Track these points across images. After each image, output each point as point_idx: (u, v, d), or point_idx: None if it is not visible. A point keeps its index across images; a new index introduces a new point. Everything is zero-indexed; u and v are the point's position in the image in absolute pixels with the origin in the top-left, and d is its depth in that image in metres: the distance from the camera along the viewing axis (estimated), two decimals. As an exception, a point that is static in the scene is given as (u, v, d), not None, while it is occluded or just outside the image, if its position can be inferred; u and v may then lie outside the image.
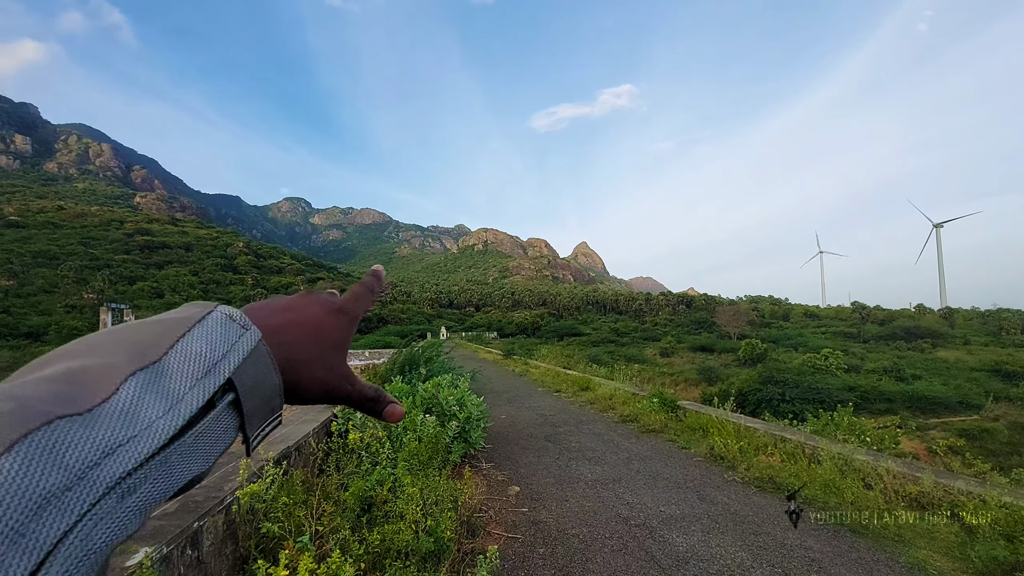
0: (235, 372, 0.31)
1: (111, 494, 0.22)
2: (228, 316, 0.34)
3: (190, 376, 0.29)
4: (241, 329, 0.34)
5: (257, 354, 0.34)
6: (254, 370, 0.33)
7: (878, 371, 39.39)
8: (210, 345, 0.31)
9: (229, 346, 0.32)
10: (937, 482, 5.08)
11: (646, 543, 4.35)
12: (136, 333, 0.30)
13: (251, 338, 0.34)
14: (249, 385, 0.32)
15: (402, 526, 3.67)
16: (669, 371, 42.30)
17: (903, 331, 69.67)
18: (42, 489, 0.19)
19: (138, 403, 0.25)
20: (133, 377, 0.26)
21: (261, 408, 0.34)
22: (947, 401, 30.47)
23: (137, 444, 0.24)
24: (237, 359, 0.32)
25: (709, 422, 8.16)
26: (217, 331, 0.32)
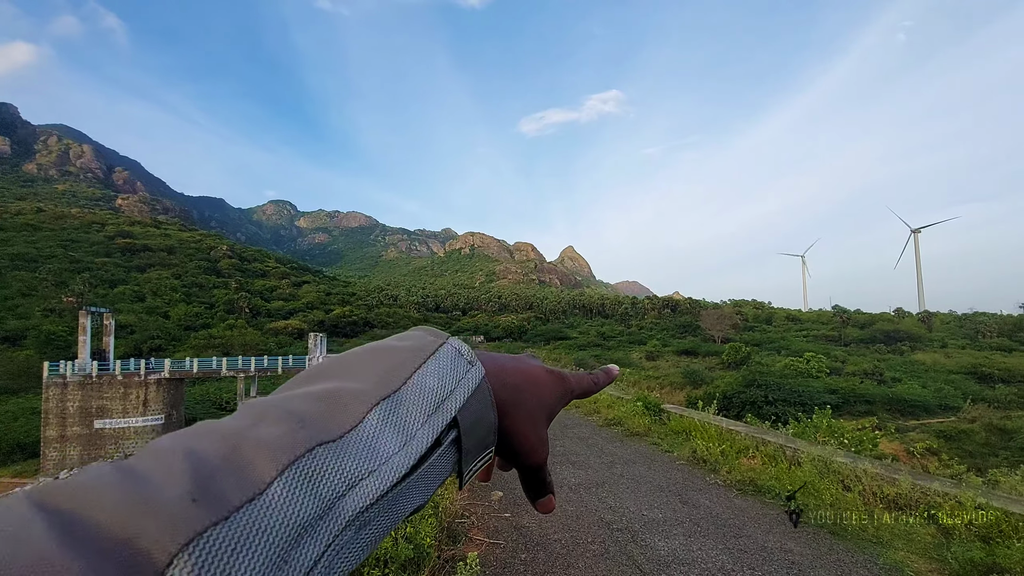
0: (460, 410, 0.32)
1: (351, 526, 0.23)
2: (457, 351, 0.35)
3: (422, 412, 0.29)
4: (468, 365, 0.34)
5: (480, 392, 0.34)
6: (475, 407, 0.33)
7: (859, 374, 40.05)
8: (441, 381, 0.32)
9: (456, 382, 0.33)
10: (914, 484, 5.16)
11: (628, 547, 4.34)
12: (380, 360, 0.31)
13: (476, 375, 0.34)
14: (470, 423, 0.33)
15: (381, 533, 3.62)
16: (655, 374, 42.57)
17: (883, 335, 70.93)
18: (301, 518, 0.20)
19: (379, 435, 0.26)
20: (378, 407, 0.27)
21: (477, 445, 0.34)
22: (926, 403, 31.06)
23: (377, 479, 0.25)
24: (463, 397, 0.32)
25: (692, 425, 8.20)
26: (447, 366, 0.33)
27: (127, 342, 58.47)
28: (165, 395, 35.93)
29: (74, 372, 33.34)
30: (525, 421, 0.40)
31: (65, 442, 32.22)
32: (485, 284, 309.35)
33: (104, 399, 33.54)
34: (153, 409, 35.12)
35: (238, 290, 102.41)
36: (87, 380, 33.28)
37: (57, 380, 32.64)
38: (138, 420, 34.48)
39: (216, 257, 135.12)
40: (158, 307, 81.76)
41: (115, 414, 33.90)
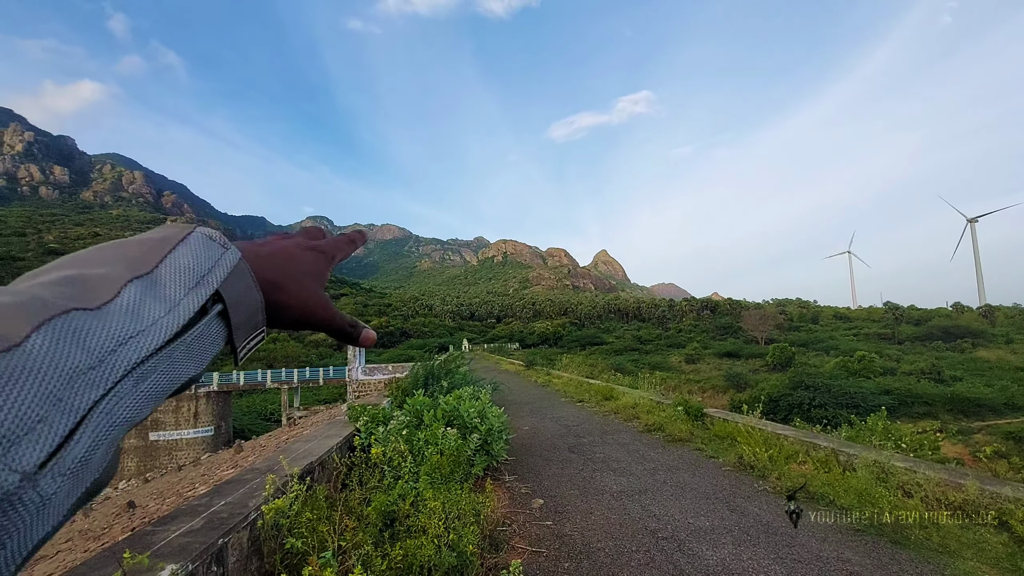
0: (222, 285, 0.35)
1: (128, 378, 0.25)
2: (208, 236, 0.37)
3: (183, 285, 0.32)
4: (222, 248, 0.37)
5: (239, 271, 0.37)
6: (238, 285, 0.36)
7: (915, 373, 37.98)
8: (196, 260, 0.34)
9: (213, 262, 0.35)
10: (983, 489, 4.83)
11: (674, 557, 4.23)
12: (124, 249, 0.32)
13: (232, 257, 0.37)
14: (235, 298, 0.36)
15: (424, 541, 3.64)
16: (695, 378, 41.56)
17: (940, 331, 67.14)
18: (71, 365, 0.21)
19: (141, 304, 0.28)
20: (132, 284, 0.29)
21: (246, 322, 0.37)
22: (991, 403, 29.16)
23: (146, 337, 0.27)
24: (222, 274, 0.35)
25: (737, 430, 7.94)
26: (200, 248, 0.35)
27: (179, 357, 61.13)
28: (214, 408, 37.41)
29: (131, 387, 35.14)
30: (297, 290, 0.44)
31: (123, 454, 33.94)
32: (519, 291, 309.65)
33: (158, 412, 35.19)
34: (203, 421, 36.62)
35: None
36: (143, 394, 35.01)
37: (116, 394, 34.48)
38: (189, 432, 36.01)
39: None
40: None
41: (168, 427, 35.53)
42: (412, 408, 7.11)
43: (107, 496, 25.65)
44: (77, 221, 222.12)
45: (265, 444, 24.81)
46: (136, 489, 25.68)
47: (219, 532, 3.13)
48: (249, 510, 3.55)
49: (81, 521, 17.07)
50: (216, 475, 18.11)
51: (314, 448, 5.68)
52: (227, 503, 3.69)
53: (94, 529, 14.29)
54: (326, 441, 6.11)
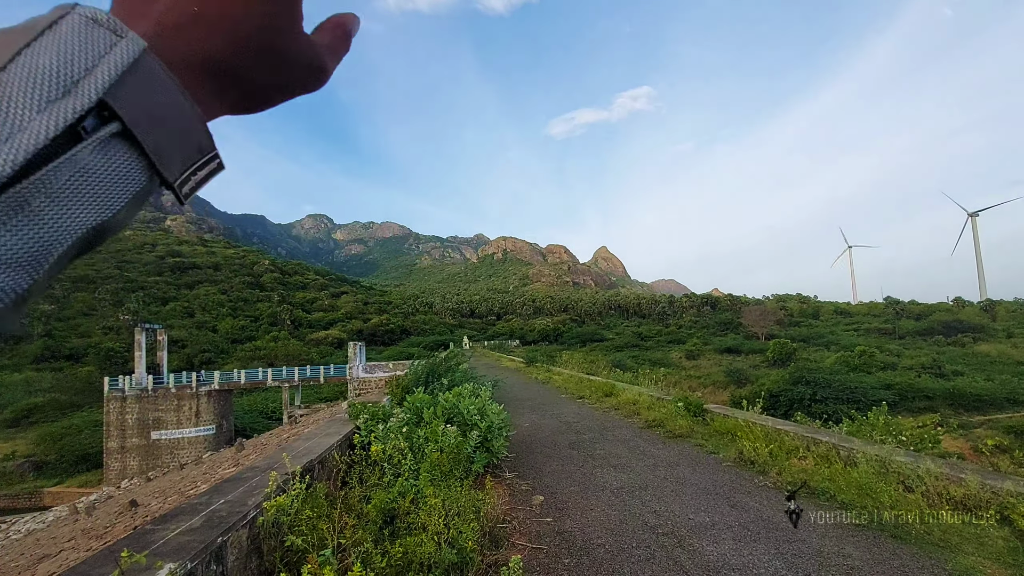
0: (109, 92, 0.24)
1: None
2: (91, 19, 0.26)
3: (37, 96, 0.23)
4: (113, 36, 0.26)
5: (145, 70, 0.26)
6: (144, 91, 0.26)
7: (916, 368, 38.00)
8: (64, 58, 0.24)
9: (95, 59, 0.25)
10: (984, 483, 4.82)
11: (674, 552, 4.23)
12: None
13: (129, 49, 0.26)
14: (141, 112, 0.25)
15: (424, 538, 3.64)
16: (696, 374, 41.62)
17: (941, 325, 67.15)
18: None
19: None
20: None
21: (175, 142, 0.27)
22: (992, 397, 29.20)
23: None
24: (110, 75, 0.25)
25: (737, 426, 7.94)
26: (74, 40, 0.24)
27: (179, 356, 61.38)
28: (215, 406, 37.45)
29: (132, 386, 35.26)
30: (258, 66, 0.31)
31: (125, 453, 34.05)
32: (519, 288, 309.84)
33: (160, 411, 35.30)
34: (205, 420, 36.67)
35: (280, 303, 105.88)
36: (144, 394, 35.12)
37: (116, 394, 34.58)
38: (191, 431, 36.07)
39: (259, 272, 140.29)
40: (207, 322, 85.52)
41: (170, 425, 35.61)
42: (412, 405, 7.11)
43: (110, 495, 25.76)
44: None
45: (267, 442, 24.87)
46: (138, 488, 25.76)
47: (218, 531, 3.13)
48: (249, 508, 3.55)
49: (84, 520, 17.14)
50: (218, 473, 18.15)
51: (314, 446, 5.68)
52: (227, 501, 3.69)
53: (96, 528, 14.34)
54: (326, 439, 6.11)
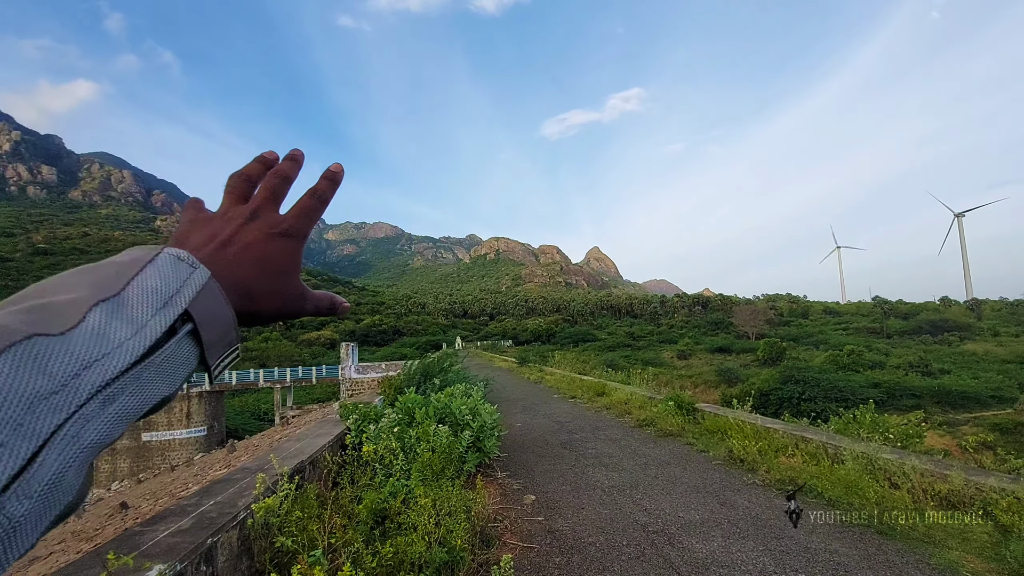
0: (191, 304, 0.35)
1: (94, 400, 0.26)
2: (176, 256, 0.37)
3: (150, 306, 0.32)
4: (190, 268, 0.37)
5: (209, 290, 0.37)
6: (208, 303, 0.36)
7: (903, 366, 38.45)
8: (164, 281, 0.34)
9: (181, 282, 0.35)
10: (968, 479, 4.90)
11: (664, 550, 4.26)
12: (92, 273, 0.33)
13: (201, 276, 0.37)
14: (205, 317, 0.36)
15: (415, 538, 3.65)
16: (687, 373, 41.84)
17: (928, 325, 67.99)
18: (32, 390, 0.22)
19: (106, 327, 0.29)
20: (97, 307, 0.29)
21: (219, 340, 0.38)
22: (978, 395, 29.62)
23: (112, 359, 0.27)
24: (191, 293, 0.35)
25: (727, 424, 8.01)
26: (168, 269, 0.35)
27: (170, 357, 60.62)
28: (207, 407, 37.16)
29: (122, 388, 34.85)
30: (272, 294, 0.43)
31: (116, 455, 33.67)
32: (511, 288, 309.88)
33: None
34: (196, 421, 36.37)
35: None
36: (134, 395, 34.73)
37: (106, 396, 34.18)
38: (182, 432, 35.76)
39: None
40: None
41: (161, 427, 35.28)
42: (404, 406, 7.10)
43: (100, 497, 25.47)
44: (66, 221, 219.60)
45: (258, 443, 24.71)
46: (129, 490, 25.50)
47: (208, 532, 3.12)
48: (239, 509, 3.54)
49: (74, 523, 16.94)
50: (209, 475, 18.01)
51: (305, 447, 5.67)
52: (216, 503, 3.68)
53: (87, 530, 14.20)
54: (317, 440, 6.09)
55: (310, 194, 0.50)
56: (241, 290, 0.41)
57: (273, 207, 0.47)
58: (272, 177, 0.50)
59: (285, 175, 0.50)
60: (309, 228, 0.48)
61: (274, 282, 0.44)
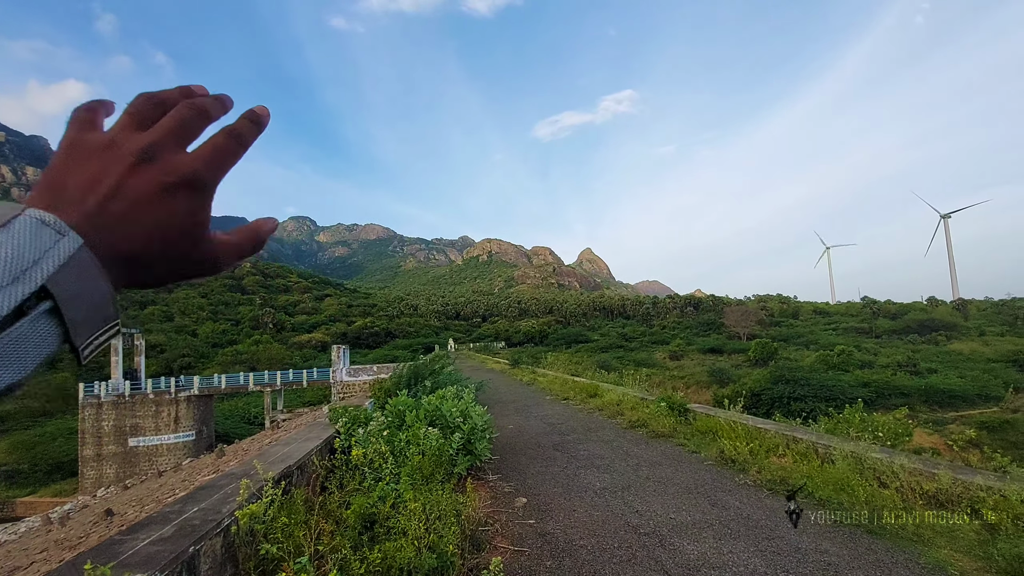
0: (50, 279, 0.30)
1: None
2: (40, 220, 0.31)
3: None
4: (56, 235, 0.31)
5: (78, 261, 0.31)
6: (76, 278, 0.31)
7: (892, 366, 38.84)
8: (16, 251, 0.29)
9: (41, 252, 0.30)
10: (955, 478, 4.93)
11: (656, 552, 4.24)
12: None
13: (68, 245, 0.31)
14: (70, 293, 0.31)
15: (404, 543, 3.60)
16: (679, 374, 42.00)
17: (916, 324, 68.79)
18: None
19: None
20: None
21: (90, 317, 0.32)
22: (964, 393, 29.97)
23: None
24: (52, 266, 0.30)
25: (719, 425, 8.02)
26: (26, 237, 0.30)
27: (158, 361, 60.02)
28: (195, 412, 36.70)
29: (108, 392, 34.37)
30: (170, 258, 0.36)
31: (102, 460, 33.16)
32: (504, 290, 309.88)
33: (137, 417, 34.48)
34: (184, 426, 35.91)
35: (263, 306, 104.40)
36: (120, 400, 34.27)
37: (92, 400, 33.67)
38: (170, 437, 35.29)
39: (240, 275, 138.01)
40: (187, 326, 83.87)
41: (148, 432, 34.80)
42: (394, 408, 7.04)
43: (86, 504, 25.05)
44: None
45: (248, 448, 24.44)
46: (115, 496, 25.09)
47: (190, 540, 3.05)
48: (223, 516, 3.47)
49: (57, 531, 16.64)
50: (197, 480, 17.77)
51: (293, 451, 5.59)
52: (200, 509, 3.61)
53: (70, 538, 13.93)
54: (305, 444, 6.01)
55: (225, 132, 0.40)
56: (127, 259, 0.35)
57: (177, 145, 0.38)
58: (185, 107, 0.40)
59: (202, 109, 0.40)
60: (219, 176, 0.39)
61: (172, 247, 0.36)
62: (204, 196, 0.37)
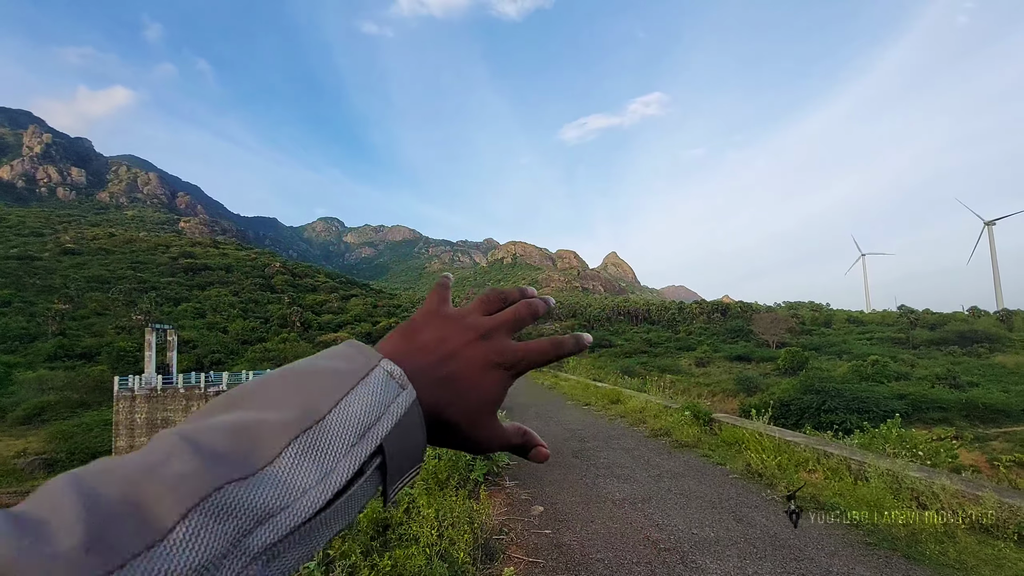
0: (386, 437, 0.31)
1: (257, 560, 0.23)
2: (389, 374, 0.33)
3: (345, 442, 0.28)
4: (398, 388, 0.33)
5: (409, 415, 0.33)
6: (404, 431, 0.32)
7: (930, 378, 37.27)
8: (368, 408, 0.30)
9: (384, 408, 0.31)
10: (1001, 502, 4.61)
11: (676, 569, 4.07)
12: (305, 384, 0.30)
13: (406, 399, 0.33)
14: (397, 448, 0.32)
15: (415, 550, 3.52)
16: (705, 381, 41.17)
17: (956, 335, 65.93)
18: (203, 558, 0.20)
19: (296, 469, 0.25)
20: (297, 439, 0.26)
21: (404, 466, 0.33)
22: (1008, 409, 28.51)
23: (289, 514, 0.24)
24: (390, 423, 0.31)
25: (745, 436, 7.75)
26: (377, 391, 0.31)
27: (190, 357, 61.81)
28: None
29: (141, 386, 35.52)
30: (472, 427, 0.39)
31: (133, 452, 34.30)
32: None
33: (168, 411, 35.53)
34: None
35: (290, 305, 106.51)
36: (153, 393, 35.37)
37: (126, 393, 34.85)
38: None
39: (270, 274, 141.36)
40: (218, 323, 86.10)
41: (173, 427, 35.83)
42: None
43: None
44: (93, 222, 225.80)
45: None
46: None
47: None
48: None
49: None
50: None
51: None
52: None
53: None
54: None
55: (554, 342, 0.45)
56: (437, 416, 0.37)
57: (509, 333, 0.44)
58: (523, 305, 0.47)
59: (535, 310, 0.47)
60: (528, 369, 0.44)
61: (474, 416, 0.39)
62: (511, 378, 0.42)
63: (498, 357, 0.41)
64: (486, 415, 0.40)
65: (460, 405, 0.38)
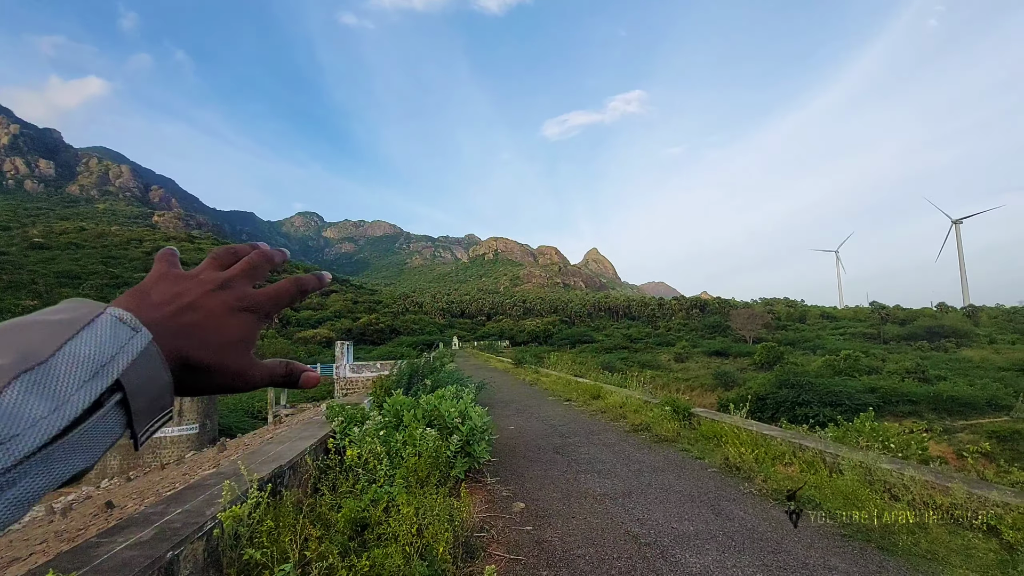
0: (123, 373, 0.32)
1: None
2: (118, 319, 0.34)
3: (77, 378, 0.29)
4: (131, 331, 0.34)
5: (147, 355, 0.34)
6: (143, 370, 0.33)
7: (900, 372, 38.32)
8: (98, 348, 0.31)
9: (118, 348, 0.32)
10: (970, 493, 4.73)
11: (656, 564, 4.08)
12: (23, 334, 0.30)
13: (140, 341, 0.34)
14: (137, 385, 0.33)
15: (393, 550, 3.46)
16: (684, 377, 41.67)
17: (925, 331, 67.95)
18: None
19: (22, 403, 0.26)
20: (18, 379, 0.27)
21: (150, 406, 0.34)
22: (974, 402, 29.45)
23: (19, 442, 0.25)
24: (126, 361, 0.32)
25: (724, 431, 7.84)
26: (106, 334, 0.32)
27: (164, 354, 60.19)
28: (199, 405, 36.75)
29: (114, 384, 34.49)
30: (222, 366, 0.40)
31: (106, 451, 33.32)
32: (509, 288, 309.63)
33: (142, 410, 34.57)
34: (188, 418, 35.98)
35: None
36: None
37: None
38: (174, 430, 35.35)
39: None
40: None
41: (153, 424, 34.88)
42: (391, 408, 6.91)
43: (88, 495, 25.15)
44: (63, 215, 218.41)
45: (250, 443, 24.42)
46: (117, 488, 25.15)
47: (170, 543, 2.92)
48: (206, 519, 3.34)
49: (58, 522, 16.66)
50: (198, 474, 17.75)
51: (285, 451, 5.46)
52: (183, 511, 3.48)
53: (70, 530, 13.92)
54: (299, 443, 5.89)
55: (293, 280, 0.48)
56: (184, 360, 0.38)
57: (247, 281, 0.46)
58: (256, 255, 0.49)
59: (269, 257, 0.50)
60: (276, 310, 0.46)
61: (223, 356, 0.40)
62: (259, 320, 0.44)
63: (239, 303, 0.42)
64: (237, 354, 0.41)
65: (207, 349, 0.39)
